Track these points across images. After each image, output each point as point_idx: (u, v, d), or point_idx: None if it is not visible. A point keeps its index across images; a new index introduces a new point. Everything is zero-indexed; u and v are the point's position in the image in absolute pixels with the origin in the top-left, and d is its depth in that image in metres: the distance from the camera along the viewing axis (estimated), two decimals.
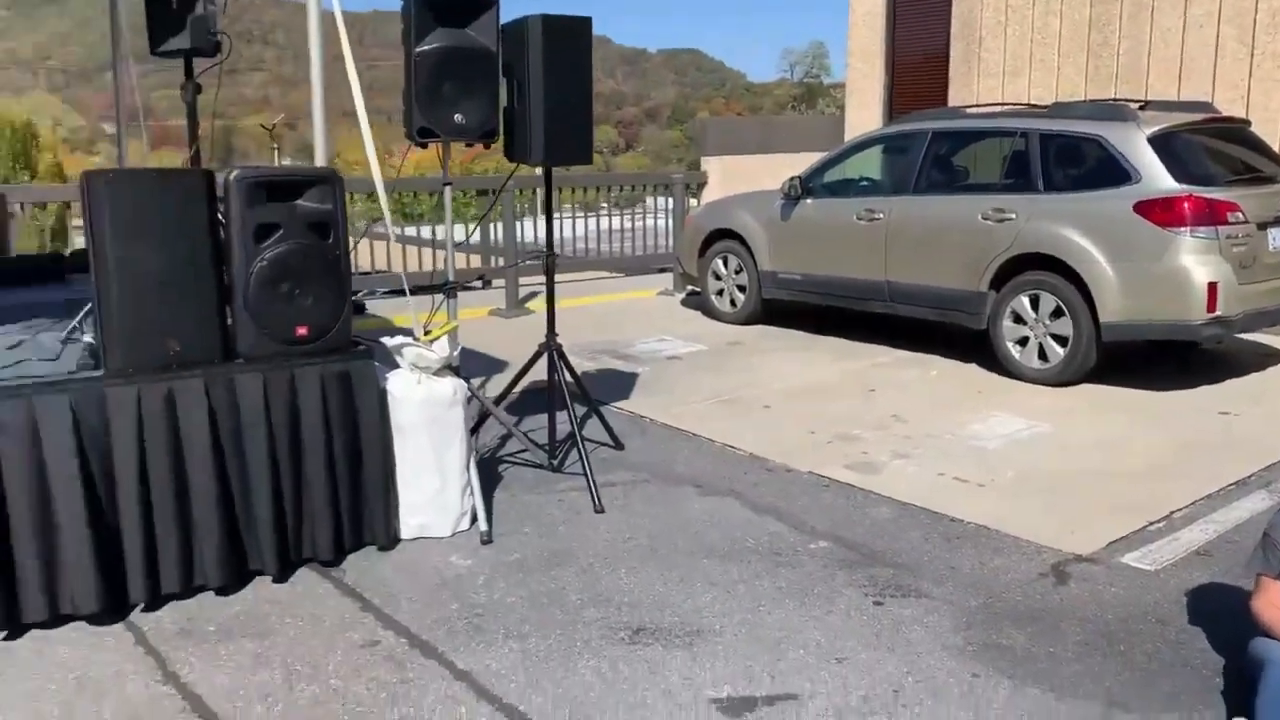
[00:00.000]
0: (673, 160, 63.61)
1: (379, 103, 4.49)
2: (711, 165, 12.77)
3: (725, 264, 8.09)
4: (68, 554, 3.12)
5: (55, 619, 3.15)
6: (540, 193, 11.00)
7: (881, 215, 6.87)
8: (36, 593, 3.10)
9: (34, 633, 3.13)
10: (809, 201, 7.46)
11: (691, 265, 8.49)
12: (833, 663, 2.97)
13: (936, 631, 3.16)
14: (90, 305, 3.77)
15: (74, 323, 3.84)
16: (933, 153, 6.84)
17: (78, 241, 10.71)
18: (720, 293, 8.17)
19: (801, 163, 8.11)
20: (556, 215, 4.97)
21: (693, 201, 10.84)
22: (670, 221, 10.74)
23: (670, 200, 10.79)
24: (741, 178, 10.82)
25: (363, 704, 2.77)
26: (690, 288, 9.05)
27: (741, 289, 7.95)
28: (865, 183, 7.52)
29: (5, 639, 3.09)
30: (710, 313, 8.28)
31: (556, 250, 4.71)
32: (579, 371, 5.00)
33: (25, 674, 2.92)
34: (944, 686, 2.84)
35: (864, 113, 11.60)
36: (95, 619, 3.19)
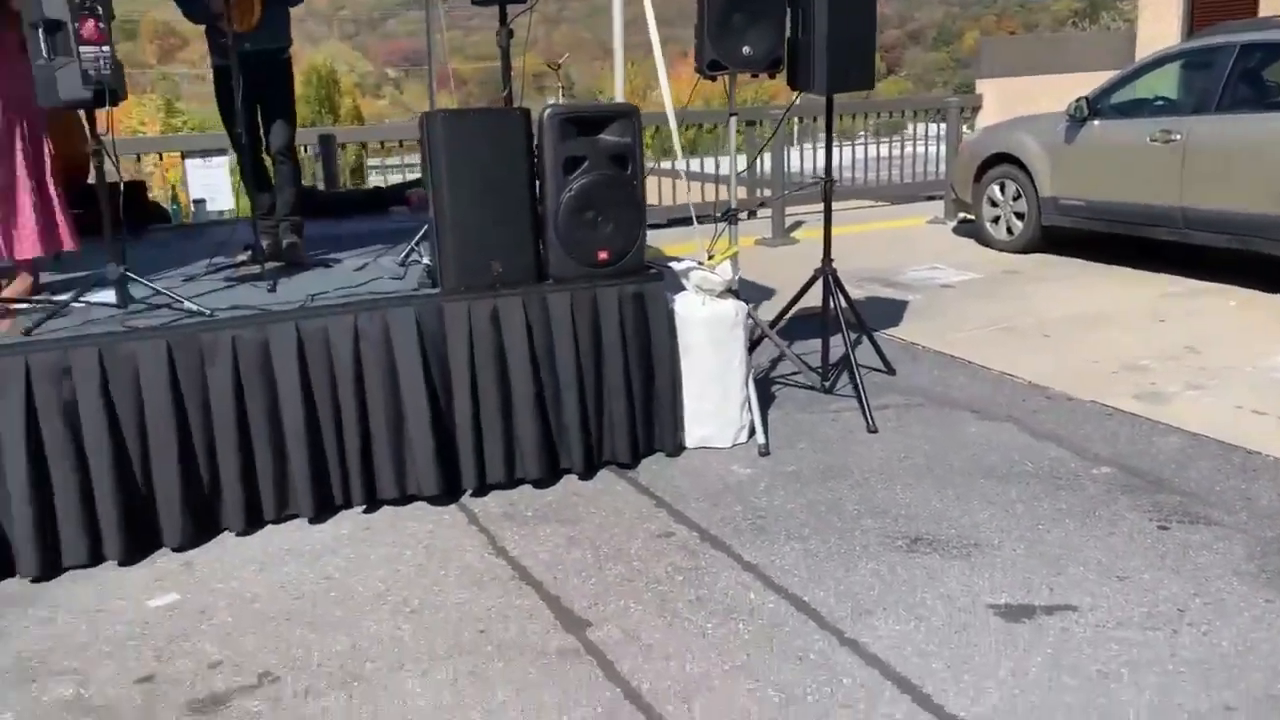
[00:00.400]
0: (937, 84, 60.70)
1: (637, 38, 4.69)
2: (986, 88, 12.25)
3: (1002, 190, 7.85)
4: (415, 444, 3.65)
5: (403, 498, 3.71)
6: (804, 122, 11.13)
7: (1178, 136, 6.44)
8: (390, 475, 3.66)
9: (386, 509, 3.70)
10: (1096, 124, 7.09)
11: (966, 192, 8.30)
12: (1114, 580, 3.01)
13: (1227, 558, 3.11)
14: (422, 232, 4.31)
15: (410, 247, 4.39)
16: (1240, 68, 6.31)
17: (372, 179, 11.80)
18: (996, 220, 7.95)
19: (1085, 83, 7.69)
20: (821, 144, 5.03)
21: (965, 128, 10.49)
22: (941, 147, 10.46)
23: (941, 126, 10.49)
24: (1019, 100, 10.35)
25: (662, 583, 3.11)
26: (963, 215, 8.84)
27: (1019, 216, 7.70)
28: (1160, 102, 7.03)
29: (364, 511, 3.68)
30: (985, 241, 8.08)
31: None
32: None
33: (384, 540, 3.48)
34: (1234, 609, 2.83)
35: (1159, 26, 10.74)
36: (434, 500, 3.73)
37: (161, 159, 10.71)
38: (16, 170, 3.77)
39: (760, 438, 4.16)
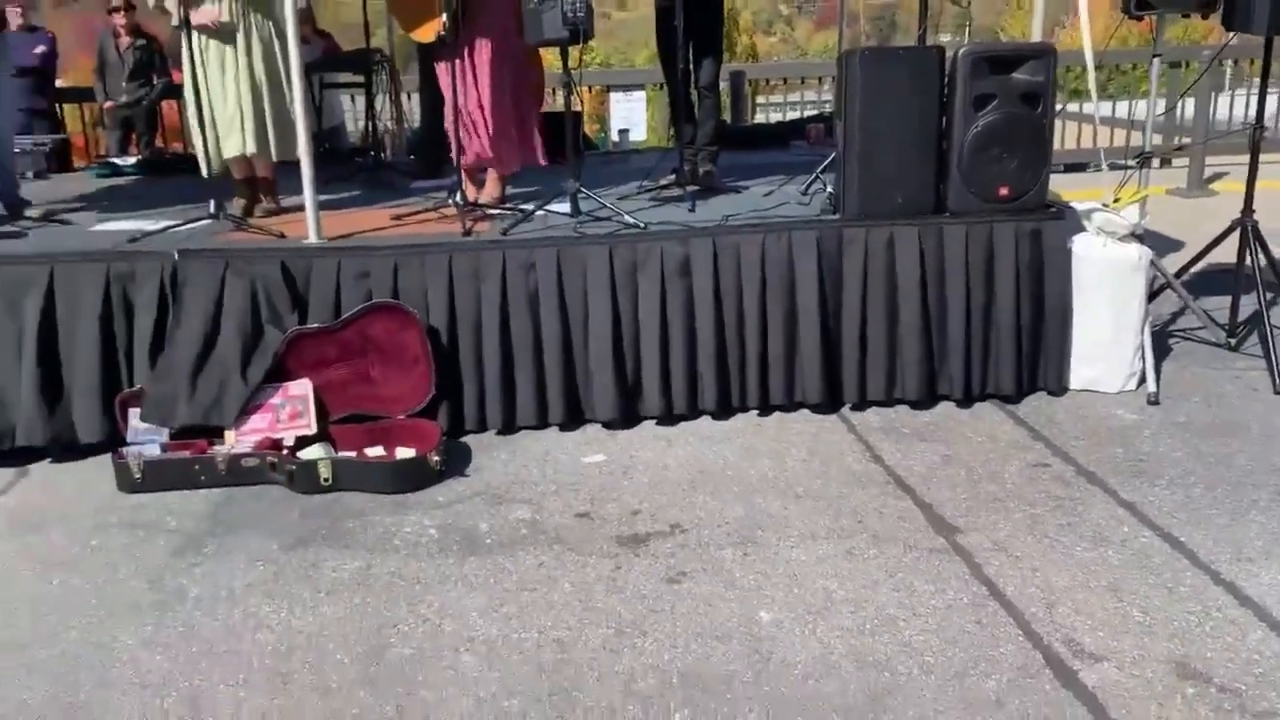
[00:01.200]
0: None
1: None
2: None
3: None
4: (805, 356, 4.02)
5: (791, 405, 4.11)
6: (1239, 65, 10.03)
7: None
8: (781, 382, 4.07)
9: (776, 413, 4.12)
10: None
11: None
12: None
13: None
14: (827, 161, 4.63)
15: (814, 175, 4.74)
16: None
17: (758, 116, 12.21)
18: None
19: None
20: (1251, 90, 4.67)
21: None
22: None
23: None
24: None
25: (1034, 506, 3.27)
26: None
27: None
28: None
29: (758, 414, 4.12)
30: None
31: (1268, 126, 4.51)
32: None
33: (773, 437, 3.92)
34: None
35: None
36: (817, 409, 4.10)
37: (590, 90, 11.83)
38: (506, 96, 4.54)
39: (1151, 386, 4.11)
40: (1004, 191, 4.02)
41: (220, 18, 4.31)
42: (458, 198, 4.48)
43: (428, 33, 4.48)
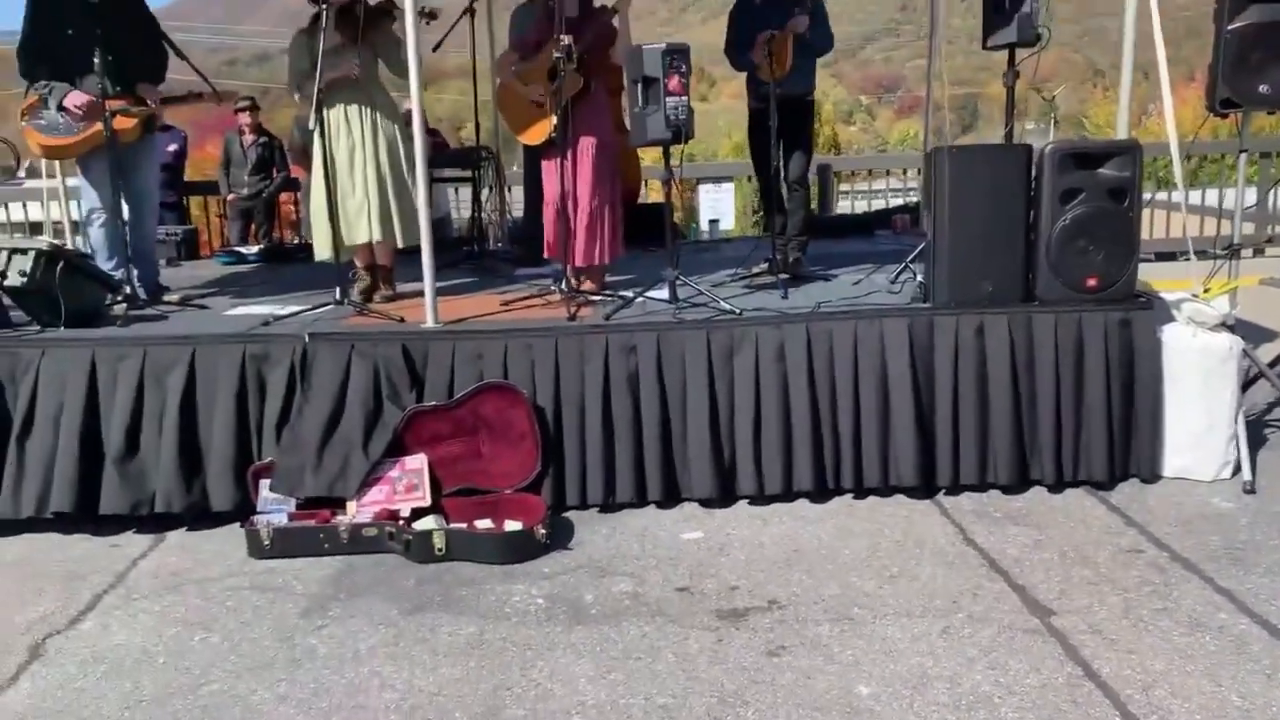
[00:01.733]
0: None
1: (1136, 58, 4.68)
2: None
3: None
4: (898, 440, 4.13)
5: (885, 488, 4.21)
6: None
7: None
8: (875, 465, 4.18)
9: (870, 496, 4.23)
10: None
11: None
12: None
13: None
14: (916, 251, 4.80)
15: (904, 265, 4.91)
16: None
17: (851, 203, 12.45)
18: None
19: None
20: None
21: None
22: None
23: None
24: None
25: (1128, 591, 3.31)
26: None
27: None
28: None
29: (853, 496, 4.23)
30: None
31: None
32: None
33: (867, 518, 4.02)
34: None
35: None
36: (910, 492, 4.19)
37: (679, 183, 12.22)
38: (603, 194, 4.84)
39: (1247, 475, 4.12)
40: (1092, 282, 4.13)
41: (355, 71, 4.71)
42: (562, 285, 4.75)
43: (537, 135, 4.82)
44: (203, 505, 4.06)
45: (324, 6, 4.56)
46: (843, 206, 11.21)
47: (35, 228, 8.86)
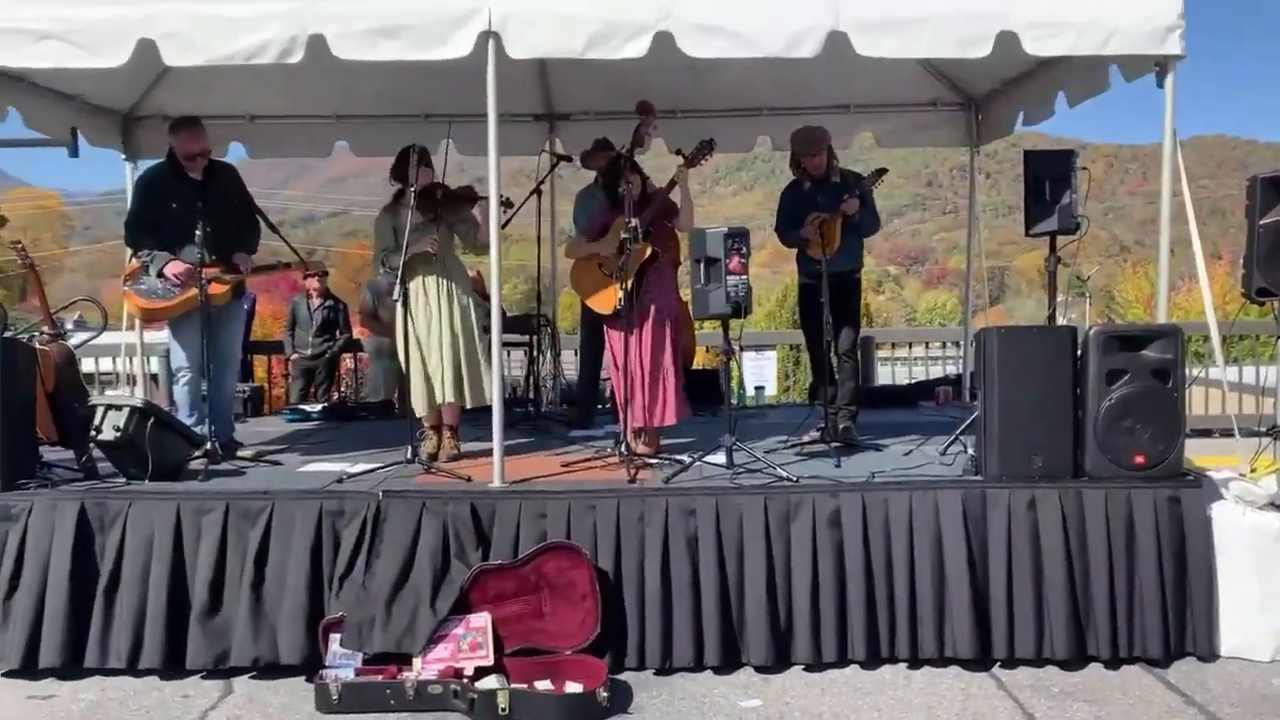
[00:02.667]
0: None
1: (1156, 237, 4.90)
2: None
3: None
4: (953, 612, 4.19)
5: (940, 659, 4.24)
6: None
7: None
8: (931, 635, 4.22)
9: (925, 667, 4.25)
10: None
11: None
12: None
13: None
14: (965, 424, 4.96)
15: (953, 437, 5.06)
16: None
17: (891, 370, 12.72)
18: None
19: None
20: None
21: None
22: None
23: None
24: None
25: None
26: None
27: None
28: None
29: (907, 667, 4.25)
30: None
31: None
32: None
33: (923, 689, 4.03)
34: None
35: None
36: (966, 664, 4.21)
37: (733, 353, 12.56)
38: (666, 360, 5.09)
39: None
40: (1139, 460, 4.26)
41: (433, 249, 5.05)
42: (622, 448, 4.93)
43: (605, 303, 5.11)
44: (271, 657, 4.15)
45: (409, 188, 4.95)
46: (881, 371, 11.47)
47: (100, 377, 9.27)
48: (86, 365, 9.45)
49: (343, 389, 9.10)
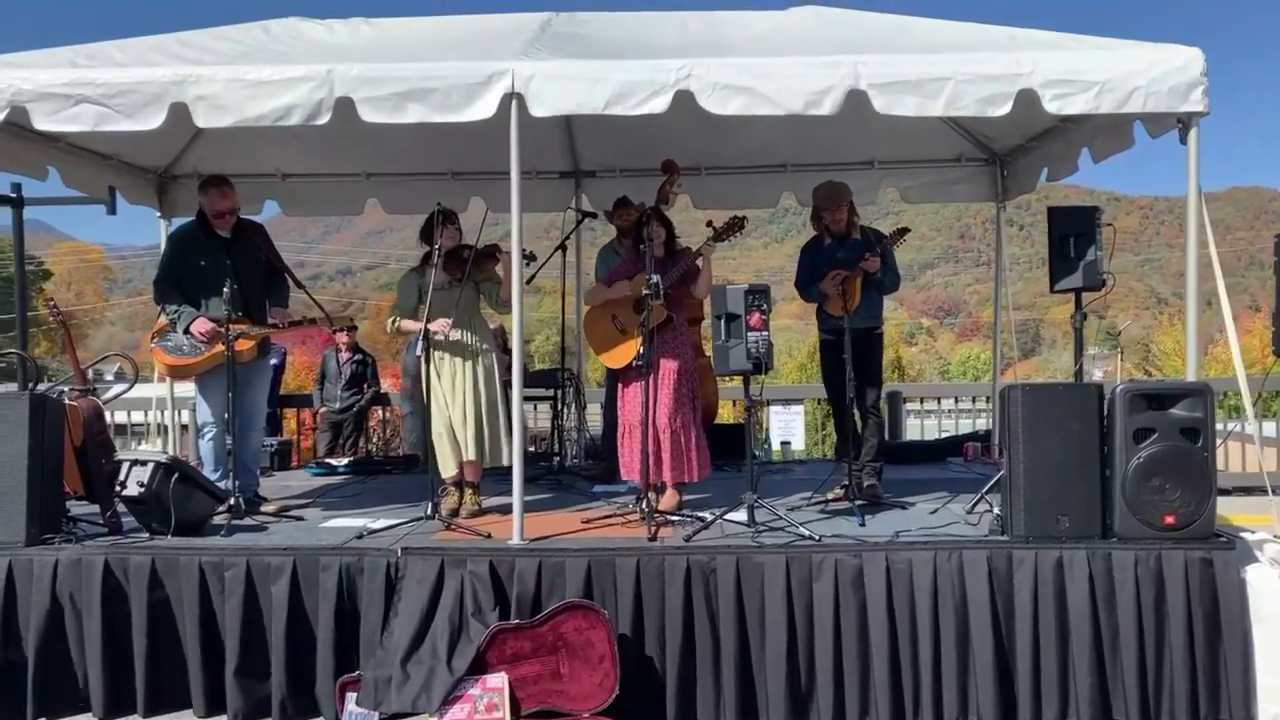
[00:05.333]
0: None
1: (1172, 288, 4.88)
2: None
3: None
4: (978, 673, 4.10)
5: None
6: None
7: None
8: (954, 697, 4.13)
9: None
10: None
11: None
12: None
13: None
14: (991, 483, 4.89)
15: (979, 496, 4.99)
16: None
17: (921, 423, 12.62)
18: None
19: None
20: None
21: None
22: None
23: None
24: None
25: None
26: None
27: None
28: None
29: None
30: None
31: None
32: None
33: None
34: None
35: None
36: None
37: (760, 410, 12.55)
38: (687, 416, 5.08)
39: None
40: (1169, 520, 4.17)
41: (449, 331, 5.08)
42: (643, 505, 4.90)
43: (621, 359, 5.12)
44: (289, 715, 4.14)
45: (436, 249, 5.01)
46: (911, 424, 11.36)
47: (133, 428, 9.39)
48: (119, 417, 9.62)
49: (373, 441, 9.14)
